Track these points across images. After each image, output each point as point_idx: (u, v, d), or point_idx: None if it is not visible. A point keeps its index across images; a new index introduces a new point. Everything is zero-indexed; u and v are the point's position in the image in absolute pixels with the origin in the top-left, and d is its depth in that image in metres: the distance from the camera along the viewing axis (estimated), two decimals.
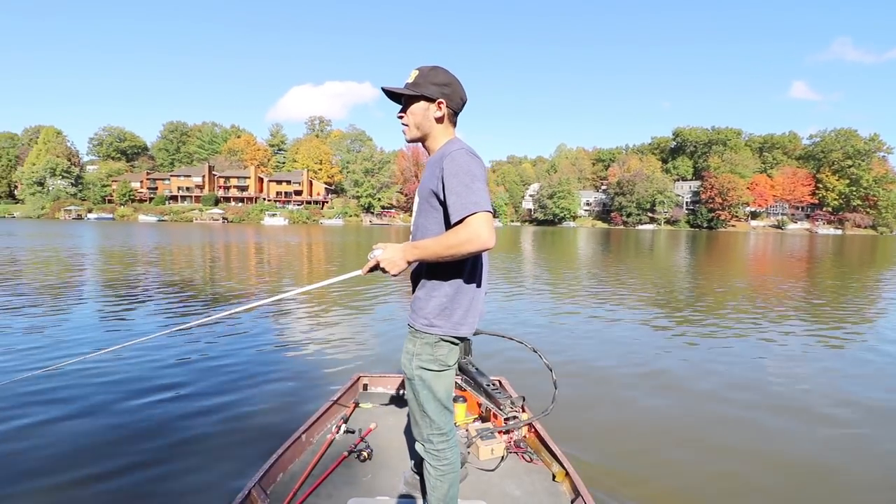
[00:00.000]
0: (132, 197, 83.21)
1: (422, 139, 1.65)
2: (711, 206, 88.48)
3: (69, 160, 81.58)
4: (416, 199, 1.67)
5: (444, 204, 1.50)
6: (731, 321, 6.89)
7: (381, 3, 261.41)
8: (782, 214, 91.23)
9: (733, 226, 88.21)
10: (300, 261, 15.56)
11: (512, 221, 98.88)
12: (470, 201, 1.40)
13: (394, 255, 1.49)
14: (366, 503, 2.05)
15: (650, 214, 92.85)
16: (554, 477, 2.28)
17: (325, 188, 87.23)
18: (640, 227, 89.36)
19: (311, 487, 2.13)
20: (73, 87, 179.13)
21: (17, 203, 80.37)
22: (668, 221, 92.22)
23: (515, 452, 2.52)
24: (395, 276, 1.50)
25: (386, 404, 3.14)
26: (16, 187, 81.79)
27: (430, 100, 1.60)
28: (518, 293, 9.28)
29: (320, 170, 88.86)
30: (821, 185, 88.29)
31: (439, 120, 1.62)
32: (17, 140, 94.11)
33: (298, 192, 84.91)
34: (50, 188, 78.72)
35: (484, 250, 1.41)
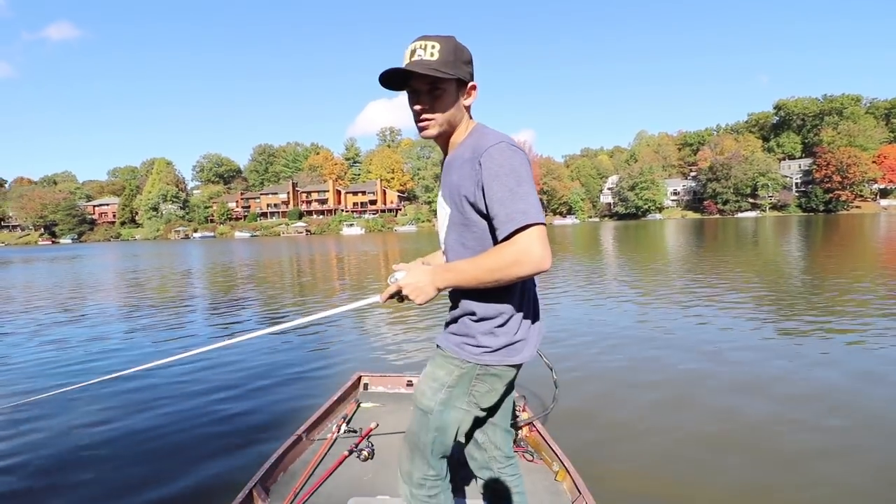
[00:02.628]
0: (229, 216, 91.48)
1: (446, 133, 1.29)
2: (828, 185, 76.64)
3: (177, 186, 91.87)
4: (444, 209, 1.33)
5: (482, 213, 1.21)
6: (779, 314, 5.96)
7: (449, 8, 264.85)
8: None
9: (858, 207, 75.63)
10: (376, 272, 15.22)
11: (590, 217, 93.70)
12: (517, 210, 1.12)
13: (420, 281, 1.18)
14: (367, 502, 2.03)
15: (751, 200, 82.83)
16: (555, 476, 2.26)
17: (398, 196, 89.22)
18: (741, 214, 79.93)
19: (312, 487, 2.11)
20: (179, 118, 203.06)
21: (137, 227, 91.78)
22: (774, 207, 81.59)
23: (516, 452, 2.42)
24: (420, 305, 1.21)
25: (387, 403, 3.10)
26: (136, 213, 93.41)
27: (462, 83, 1.25)
28: (565, 291, 8.47)
29: (393, 178, 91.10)
30: None
31: (468, 108, 1.29)
32: (136, 172, 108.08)
33: (373, 202, 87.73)
34: (163, 212, 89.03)
35: (538, 273, 1.13)
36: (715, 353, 4.66)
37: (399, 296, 1.24)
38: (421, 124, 1.26)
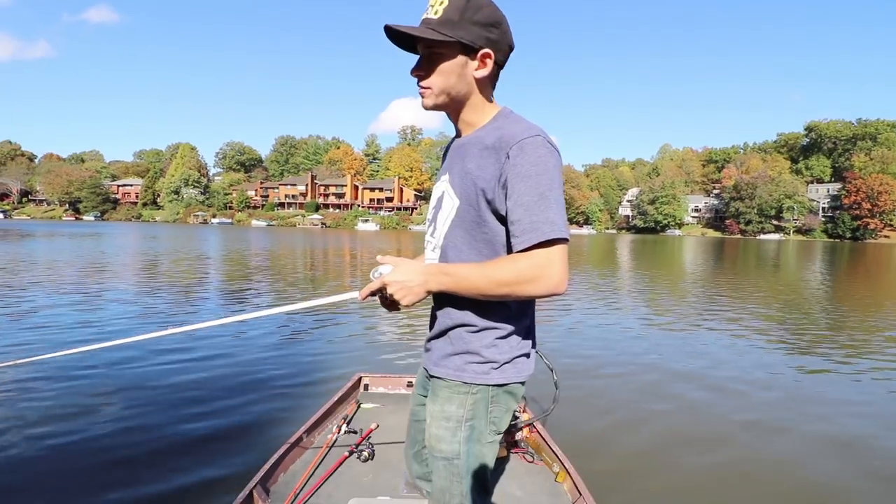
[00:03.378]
0: (248, 204, 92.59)
1: (448, 107, 1.10)
2: (856, 212, 74.40)
3: (199, 172, 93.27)
4: (451, 200, 1.12)
5: (497, 214, 1.04)
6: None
7: None
8: None
9: (886, 236, 73.22)
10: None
11: (607, 229, 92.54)
12: (546, 219, 0.96)
13: (410, 279, 1.02)
14: (367, 503, 2.01)
15: (775, 222, 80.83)
16: (555, 477, 2.26)
17: (415, 194, 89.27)
18: (763, 236, 78.05)
19: (312, 487, 2.12)
20: (205, 106, 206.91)
21: (158, 209, 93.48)
22: (798, 230, 79.50)
23: (516, 453, 2.49)
24: (406, 307, 1.06)
25: (387, 404, 3.10)
26: (158, 195, 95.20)
27: (471, 49, 1.04)
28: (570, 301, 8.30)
29: (411, 177, 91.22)
30: None
31: (481, 82, 1.08)
32: (161, 155, 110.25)
33: (390, 199, 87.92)
34: (184, 196, 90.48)
35: (553, 295, 0.98)
36: (717, 366, 4.75)
37: (381, 294, 1.08)
38: (420, 92, 1.09)
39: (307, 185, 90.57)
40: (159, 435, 3.05)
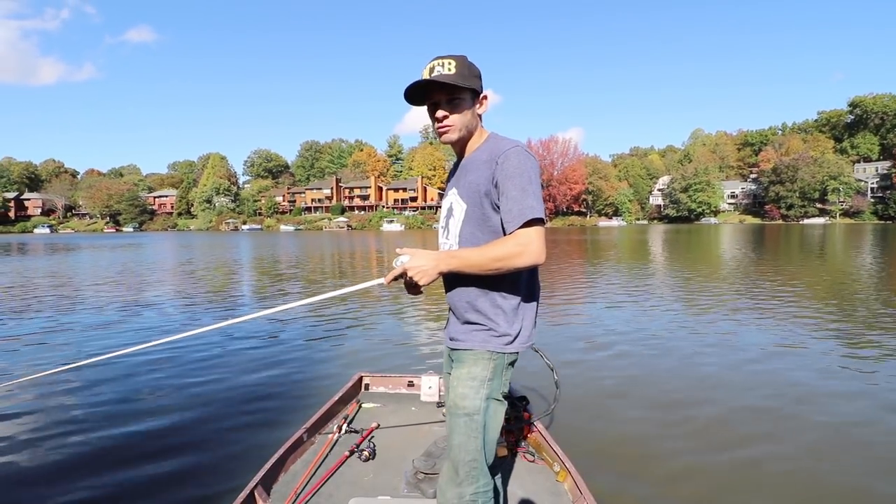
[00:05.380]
0: (276, 209, 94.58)
1: (464, 139, 1.45)
2: None
3: (229, 180, 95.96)
4: (460, 205, 1.44)
5: (496, 208, 1.34)
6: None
7: (499, 9, 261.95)
8: None
9: None
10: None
11: (637, 219, 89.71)
12: (527, 206, 1.26)
13: (425, 264, 1.27)
14: (368, 503, 2.03)
15: (819, 205, 76.44)
16: (556, 476, 2.27)
17: (439, 193, 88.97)
18: (807, 220, 73.88)
19: (313, 487, 2.14)
20: (233, 115, 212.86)
21: (192, 218, 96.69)
22: (845, 213, 74.90)
23: (517, 452, 2.50)
24: (421, 289, 1.32)
25: (388, 404, 3.09)
26: (191, 205, 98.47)
27: (476, 94, 1.42)
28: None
29: (434, 176, 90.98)
30: None
31: (480, 117, 1.47)
32: (194, 166, 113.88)
33: (414, 199, 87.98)
34: (215, 205, 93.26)
35: (535, 265, 1.28)
36: (723, 360, 4.59)
37: (403, 278, 1.30)
38: (442, 130, 1.40)
39: (332, 188, 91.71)
40: (160, 435, 3.05)
